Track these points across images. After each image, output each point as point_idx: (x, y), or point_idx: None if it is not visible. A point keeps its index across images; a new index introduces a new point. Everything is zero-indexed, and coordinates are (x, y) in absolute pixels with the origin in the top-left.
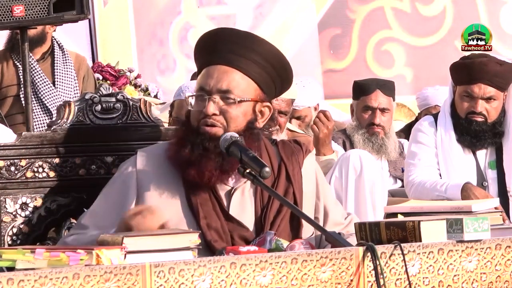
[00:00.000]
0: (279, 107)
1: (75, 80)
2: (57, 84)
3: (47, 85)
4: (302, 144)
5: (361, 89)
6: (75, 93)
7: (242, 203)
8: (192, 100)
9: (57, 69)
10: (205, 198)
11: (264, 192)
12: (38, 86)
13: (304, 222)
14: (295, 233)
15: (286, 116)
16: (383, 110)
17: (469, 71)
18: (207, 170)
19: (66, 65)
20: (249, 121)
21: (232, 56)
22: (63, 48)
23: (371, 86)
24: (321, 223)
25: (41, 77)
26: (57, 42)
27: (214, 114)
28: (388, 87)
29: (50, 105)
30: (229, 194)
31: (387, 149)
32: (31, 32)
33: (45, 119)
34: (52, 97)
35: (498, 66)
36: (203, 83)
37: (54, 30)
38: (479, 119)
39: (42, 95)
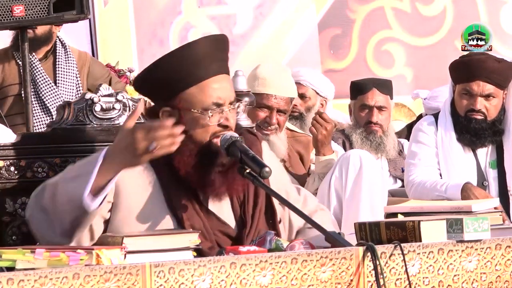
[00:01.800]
0: (278, 106)
1: (77, 78)
2: (59, 83)
3: (48, 84)
4: (256, 133)
5: (358, 88)
6: (77, 91)
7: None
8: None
9: (58, 67)
10: (185, 196)
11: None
12: (39, 85)
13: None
14: (272, 224)
15: (285, 114)
16: (380, 108)
17: (467, 69)
18: (236, 183)
19: (68, 63)
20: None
21: (218, 64)
22: (66, 46)
23: (368, 85)
24: None
25: (42, 76)
26: (59, 39)
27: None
28: (385, 86)
29: (50, 105)
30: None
31: (385, 147)
32: (39, 31)
33: (46, 119)
34: (53, 97)
35: (496, 63)
36: (215, 99)
37: (59, 30)
38: (479, 116)
39: (43, 94)
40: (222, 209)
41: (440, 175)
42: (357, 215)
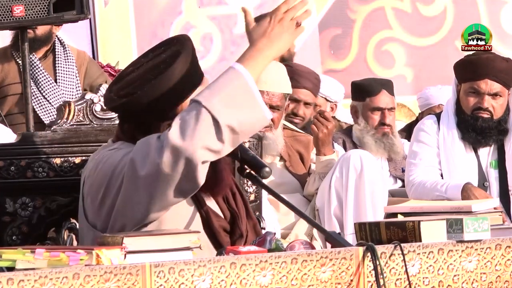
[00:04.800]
0: (270, 102)
1: (76, 77)
2: (59, 81)
3: (50, 83)
4: None
5: (366, 90)
6: (77, 90)
7: None
8: None
9: (58, 66)
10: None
11: None
12: (41, 84)
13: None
14: (247, 210)
15: (280, 111)
16: (390, 110)
17: (475, 67)
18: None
19: (68, 61)
20: None
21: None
22: (65, 45)
23: (376, 87)
24: None
25: (43, 75)
26: (58, 38)
27: None
28: (390, 86)
29: (53, 102)
30: None
31: (397, 148)
32: (39, 32)
33: (54, 112)
34: (55, 94)
35: (504, 62)
36: None
37: (59, 30)
38: (485, 115)
39: (45, 92)
40: (212, 205)
41: (441, 175)
42: (358, 215)
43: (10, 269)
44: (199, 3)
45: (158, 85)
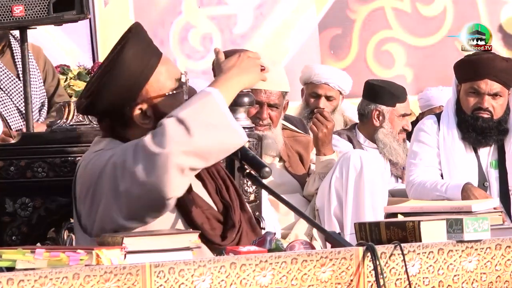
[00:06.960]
0: (268, 100)
1: (37, 68)
2: (21, 76)
3: (12, 81)
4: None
5: (396, 96)
6: (39, 82)
7: (194, 182)
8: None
9: (17, 60)
10: None
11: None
12: (3, 82)
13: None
14: (241, 203)
15: (278, 109)
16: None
17: (476, 67)
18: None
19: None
20: None
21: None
22: (18, 39)
23: (404, 92)
24: None
25: (4, 72)
26: (11, 34)
27: None
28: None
29: (16, 101)
30: None
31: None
32: None
33: (17, 117)
34: (18, 92)
35: (504, 62)
36: (176, 75)
37: None
38: (485, 115)
39: (8, 92)
40: (205, 197)
41: (441, 175)
42: (358, 215)
43: (10, 269)
44: (199, 3)
45: (115, 74)
